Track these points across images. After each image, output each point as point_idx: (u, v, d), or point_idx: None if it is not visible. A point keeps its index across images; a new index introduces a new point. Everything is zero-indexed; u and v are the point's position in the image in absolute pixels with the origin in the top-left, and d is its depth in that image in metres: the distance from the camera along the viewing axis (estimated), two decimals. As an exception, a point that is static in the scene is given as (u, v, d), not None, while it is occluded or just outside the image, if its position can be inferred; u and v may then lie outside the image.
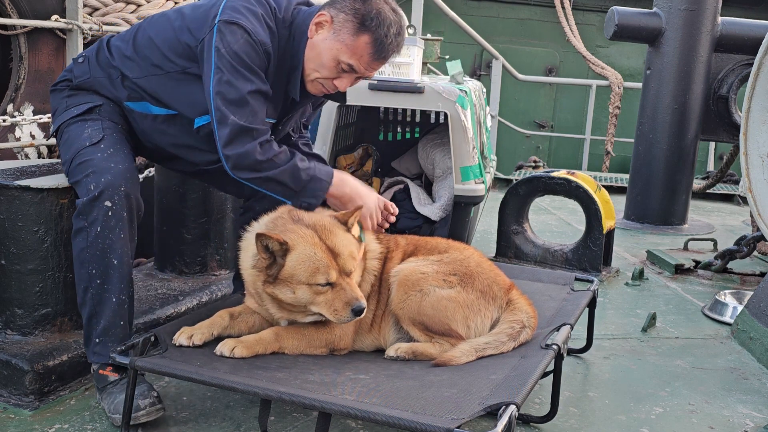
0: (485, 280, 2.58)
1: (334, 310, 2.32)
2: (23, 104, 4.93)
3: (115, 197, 2.38)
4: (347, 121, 4.46)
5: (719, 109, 6.11)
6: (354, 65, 2.52)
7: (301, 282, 2.31)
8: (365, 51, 2.50)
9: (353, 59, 2.51)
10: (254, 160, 2.45)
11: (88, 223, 2.39)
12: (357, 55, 2.50)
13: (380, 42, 2.49)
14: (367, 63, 2.53)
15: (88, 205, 2.39)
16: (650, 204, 6.16)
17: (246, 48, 2.42)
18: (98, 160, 2.43)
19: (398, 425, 1.92)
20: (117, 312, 2.44)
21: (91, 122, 2.57)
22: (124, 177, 2.41)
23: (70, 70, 2.71)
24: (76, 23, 4.66)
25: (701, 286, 4.42)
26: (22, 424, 2.39)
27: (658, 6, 6.08)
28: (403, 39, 2.59)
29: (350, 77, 2.58)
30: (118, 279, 2.43)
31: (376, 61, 2.54)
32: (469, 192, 3.91)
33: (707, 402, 2.84)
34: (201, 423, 2.42)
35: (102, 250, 2.40)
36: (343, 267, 2.33)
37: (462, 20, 7.52)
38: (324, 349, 2.44)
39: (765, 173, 4.01)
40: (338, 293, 2.32)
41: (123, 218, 2.40)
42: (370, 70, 2.58)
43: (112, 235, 2.39)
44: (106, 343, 2.43)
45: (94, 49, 2.71)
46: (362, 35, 2.48)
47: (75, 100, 2.63)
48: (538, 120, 12.03)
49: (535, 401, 2.71)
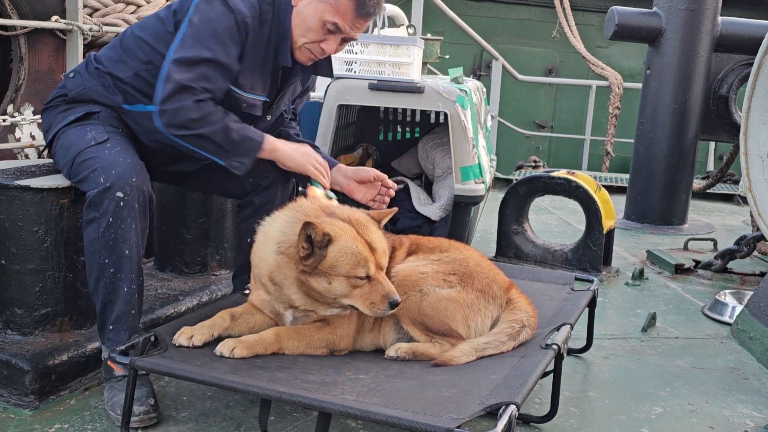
0: (485, 280, 2.58)
1: (371, 303, 2.34)
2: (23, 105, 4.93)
3: (126, 188, 2.41)
4: (347, 120, 4.47)
5: (719, 109, 6.11)
6: (339, 23, 2.60)
7: (340, 274, 2.32)
8: (348, 8, 2.59)
9: (337, 17, 2.59)
10: (187, 118, 2.49)
11: (99, 213, 2.41)
12: (341, 12, 2.59)
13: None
14: (351, 20, 2.61)
15: (98, 196, 2.41)
16: (650, 204, 6.16)
17: (220, 18, 2.51)
18: (106, 156, 2.46)
19: (398, 425, 1.92)
20: (129, 301, 2.47)
21: (92, 125, 2.60)
22: (134, 169, 2.45)
23: (63, 86, 2.76)
24: (76, 24, 4.65)
25: (701, 286, 4.42)
26: (22, 424, 2.39)
27: (658, 6, 6.08)
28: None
29: (336, 38, 2.66)
30: (129, 269, 2.45)
31: (359, 18, 2.62)
32: (469, 192, 3.91)
33: (707, 402, 2.84)
34: (201, 423, 2.42)
35: (114, 240, 2.42)
36: (379, 262, 2.37)
37: (462, 20, 7.52)
38: (324, 350, 2.44)
39: (765, 173, 4.01)
40: (375, 287, 2.34)
41: (135, 209, 2.43)
42: (355, 30, 2.65)
43: (124, 225, 2.41)
44: (119, 331, 2.48)
45: (83, 63, 2.78)
46: None
47: (72, 111, 2.67)
48: (538, 120, 12.03)
49: (535, 401, 2.71)
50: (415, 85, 3.92)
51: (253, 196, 2.86)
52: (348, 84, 3.98)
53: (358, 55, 3.97)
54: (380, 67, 3.98)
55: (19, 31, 4.77)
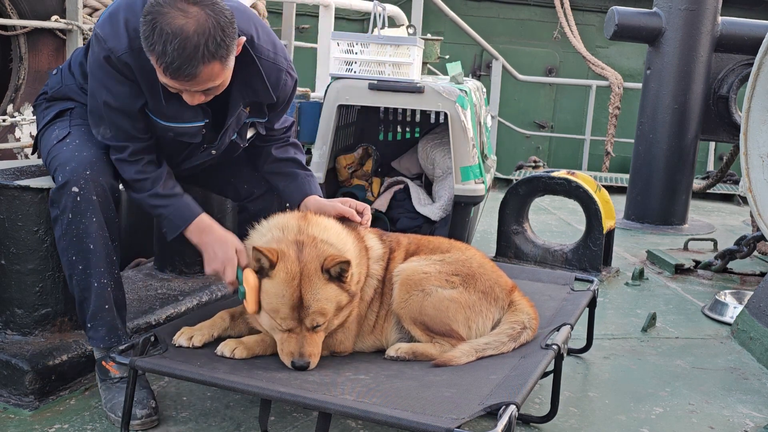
0: (487, 282, 2.58)
1: (281, 350, 2.31)
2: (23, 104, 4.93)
3: (81, 182, 2.38)
4: (347, 121, 4.46)
5: (719, 109, 6.11)
6: (168, 84, 2.27)
7: (264, 309, 2.31)
8: (159, 70, 2.23)
9: (164, 79, 2.25)
10: (124, 177, 2.49)
11: (60, 210, 2.41)
12: (161, 74, 2.25)
13: (160, 61, 2.18)
14: (172, 81, 2.24)
15: (56, 193, 2.41)
16: (650, 204, 6.16)
17: (98, 61, 2.35)
18: (63, 153, 2.45)
19: (398, 425, 1.92)
20: (101, 296, 2.45)
21: (59, 122, 2.60)
22: (89, 162, 2.41)
23: (46, 84, 2.75)
24: (76, 24, 4.66)
25: (701, 286, 4.42)
26: (22, 424, 2.39)
27: (658, 6, 6.07)
28: (199, 52, 2.16)
29: (189, 94, 2.30)
30: (96, 263, 2.43)
31: (176, 80, 2.22)
32: (469, 192, 3.91)
33: (707, 402, 2.84)
34: (201, 423, 2.42)
35: (77, 236, 2.41)
36: (304, 320, 2.27)
37: (462, 20, 7.52)
38: (325, 351, 2.44)
39: (765, 173, 4.01)
40: (289, 339, 2.28)
41: (93, 202, 2.39)
42: (193, 86, 2.25)
43: (84, 219, 2.40)
44: (96, 328, 2.46)
45: (68, 60, 2.75)
46: (151, 56, 2.21)
47: (49, 110, 2.67)
48: (538, 120, 12.02)
49: (535, 401, 2.70)
50: (415, 85, 3.92)
51: (248, 203, 2.84)
52: (348, 84, 3.98)
53: (358, 55, 3.97)
54: (380, 67, 3.98)
55: (19, 31, 4.77)
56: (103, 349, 2.47)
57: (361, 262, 2.50)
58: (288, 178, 2.76)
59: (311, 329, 2.29)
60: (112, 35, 2.32)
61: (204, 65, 2.18)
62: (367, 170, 4.54)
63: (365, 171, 4.54)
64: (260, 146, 2.78)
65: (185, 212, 2.52)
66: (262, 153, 2.79)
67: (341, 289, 2.32)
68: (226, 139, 2.61)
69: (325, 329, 2.33)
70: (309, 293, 2.27)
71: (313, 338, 2.29)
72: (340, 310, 2.34)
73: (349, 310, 2.39)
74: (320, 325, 2.30)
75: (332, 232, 2.45)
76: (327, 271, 2.30)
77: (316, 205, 2.68)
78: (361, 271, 2.48)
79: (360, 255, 2.50)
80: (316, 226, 2.43)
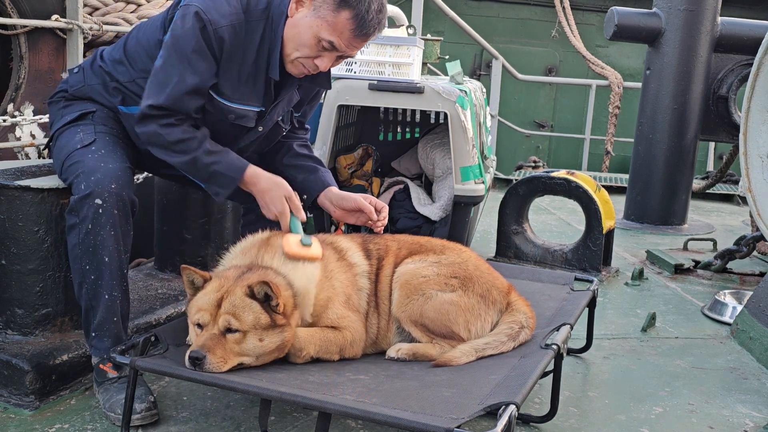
0: (485, 284, 2.59)
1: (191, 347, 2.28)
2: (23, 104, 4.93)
3: (105, 195, 2.39)
4: (347, 121, 4.47)
5: (719, 109, 6.11)
6: (335, 42, 2.45)
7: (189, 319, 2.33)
8: (346, 27, 2.42)
9: (334, 36, 2.43)
10: (158, 143, 2.49)
11: (79, 219, 2.41)
12: (337, 31, 2.43)
13: (361, 18, 2.42)
14: (348, 40, 2.46)
15: (79, 202, 2.40)
16: (650, 204, 6.16)
17: (187, 36, 2.42)
18: (89, 161, 2.45)
19: (398, 425, 1.93)
20: (110, 308, 2.46)
21: (83, 126, 2.59)
22: (115, 175, 2.43)
23: (65, 81, 2.75)
24: (76, 23, 4.65)
25: (701, 286, 4.42)
26: (22, 424, 2.39)
27: (657, 6, 6.08)
28: (385, 16, 2.50)
29: (331, 56, 2.50)
30: (110, 276, 2.44)
31: (358, 38, 2.46)
32: (469, 192, 3.91)
33: (707, 402, 2.84)
34: (201, 423, 2.42)
35: (93, 247, 2.42)
36: (218, 320, 2.23)
37: (462, 20, 7.52)
38: (336, 356, 2.43)
39: (765, 173, 4.01)
40: (200, 336, 2.24)
41: (114, 216, 2.41)
42: (351, 48, 2.50)
43: (103, 232, 2.40)
44: (101, 338, 2.48)
45: (89, 59, 2.76)
46: (343, 11, 2.40)
47: (70, 109, 2.67)
48: (538, 120, 12.03)
49: (534, 401, 2.71)
50: (414, 86, 3.92)
51: (254, 204, 2.84)
52: (348, 84, 3.98)
53: (358, 55, 3.97)
54: (380, 67, 3.98)
55: (19, 30, 4.77)
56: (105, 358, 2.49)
57: (324, 287, 2.43)
58: (307, 171, 2.82)
59: (223, 332, 2.22)
60: (214, 9, 2.43)
61: (380, 30, 2.51)
62: (367, 170, 4.54)
63: (365, 171, 4.54)
64: (282, 141, 2.85)
65: (237, 163, 2.55)
66: (283, 147, 2.86)
67: (264, 310, 2.25)
68: (275, 115, 2.69)
69: (237, 341, 2.22)
70: (228, 299, 2.25)
71: (221, 340, 2.21)
72: (262, 330, 2.24)
73: (279, 338, 2.27)
74: (232, 330, 2.22)
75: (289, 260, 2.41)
76: (251, 291, 2.25)
77: (338, 196, 2.73)
78: (325, 296, 2.42)
79: (322, 282, 2.43)
80: (275, 255, 2.42)
